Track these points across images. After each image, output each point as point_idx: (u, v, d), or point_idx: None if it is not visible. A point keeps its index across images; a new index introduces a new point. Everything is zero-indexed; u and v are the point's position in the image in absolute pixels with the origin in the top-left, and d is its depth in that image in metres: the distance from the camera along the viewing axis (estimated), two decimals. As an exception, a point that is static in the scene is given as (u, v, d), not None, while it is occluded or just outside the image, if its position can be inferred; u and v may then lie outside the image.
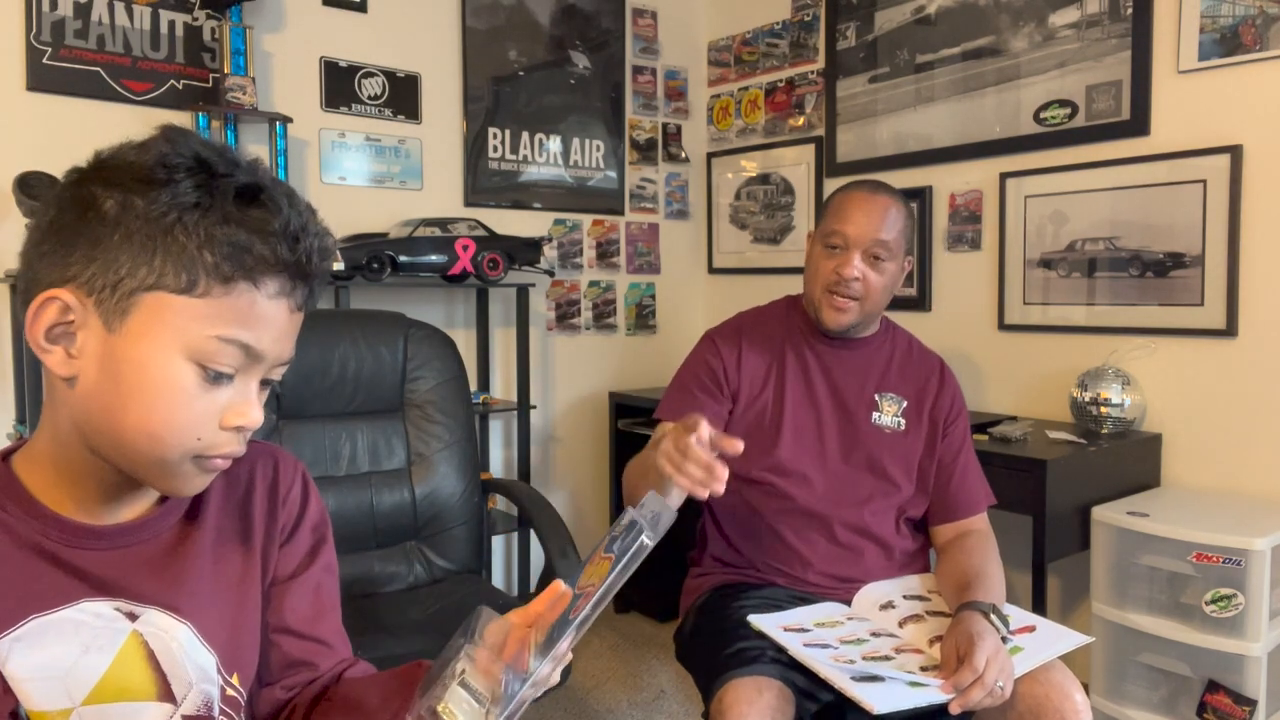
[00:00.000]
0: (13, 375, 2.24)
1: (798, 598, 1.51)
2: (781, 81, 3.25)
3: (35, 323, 0.64)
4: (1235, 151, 2.13)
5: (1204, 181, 2.18)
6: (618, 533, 0.72)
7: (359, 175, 2.75)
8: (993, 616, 1.31)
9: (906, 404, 1.61)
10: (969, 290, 2.70)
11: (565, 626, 0.67)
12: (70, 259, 0.64)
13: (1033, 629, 1.39)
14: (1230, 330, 2.16)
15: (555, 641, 0.67)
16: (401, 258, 2.49)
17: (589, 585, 0.69)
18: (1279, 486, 2.11)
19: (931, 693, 1.20)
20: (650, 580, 1.50)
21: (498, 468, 3.05)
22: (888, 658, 1.31)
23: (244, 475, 0.81)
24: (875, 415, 1.59)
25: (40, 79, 2.25)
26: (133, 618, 0.71)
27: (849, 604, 1.51)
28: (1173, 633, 1.90)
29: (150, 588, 0.72)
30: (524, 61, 3.06)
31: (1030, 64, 2.52)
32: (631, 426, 3.07)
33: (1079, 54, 2.42)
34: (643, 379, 3.40)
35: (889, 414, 1.60)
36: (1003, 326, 2.61)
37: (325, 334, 1.88)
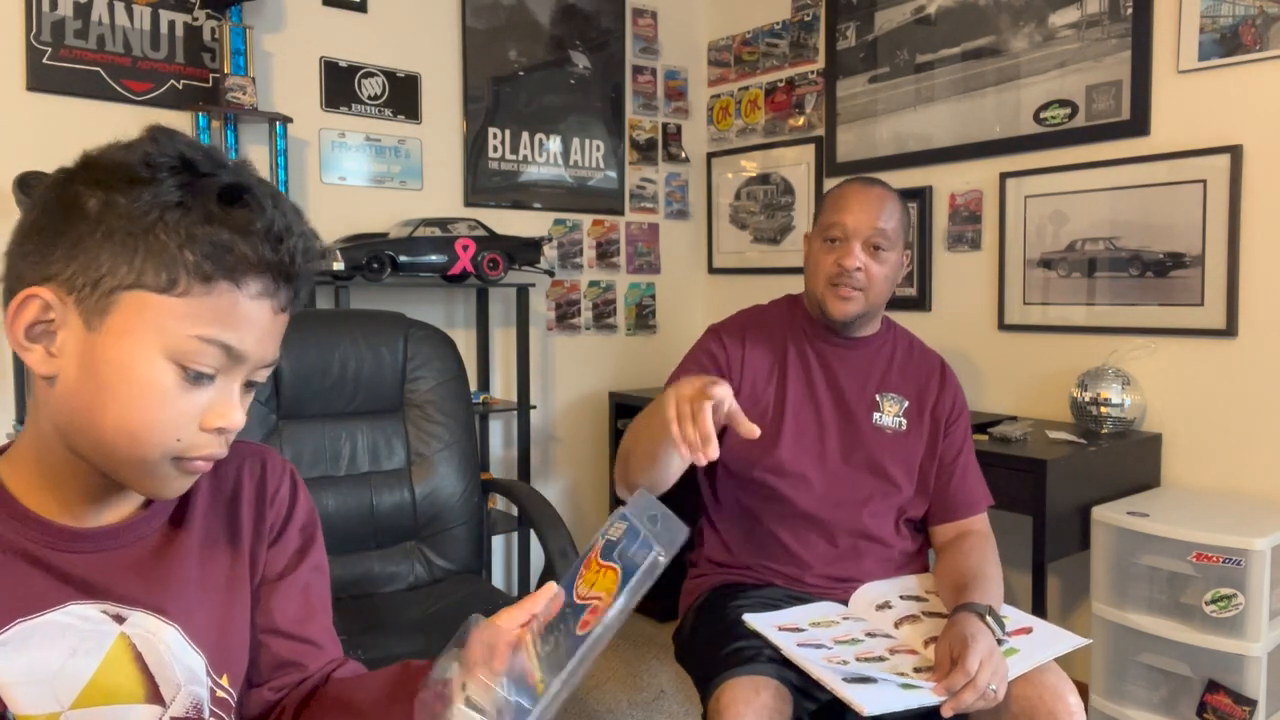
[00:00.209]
0: (13, 376, 2.24)
1: (795, 598, 1.51)
2: (781, 81, 3.25)
3: (15, 321, 0.64)
4: (1235, 151, 2.13)
5: (1204, 181, 2.18)
6: (614, 537, 0.69)
7: (359, 175, 2.75)
8: (988, 618, 1.30)
9: (908, 404, 1.60)
10: (969, 290, 2.70)
11: (574, 642, 0.64)
12: (51, 257, 0.63)
13: (1029, 630, 1.39)
14: (1230, 330, 2.16)
15: (564, 658, 0.64)
16: (401, 258, 2.49)
17: (594, 598, 0.66)
18: (1279, 486, 2.11)
19: (924, 695, 1.20)
20: (650, 580, 1.50)
21: (498, 468, 3.05)
22: (881, 658, 1.31)
23: (231, 476, 0.81)
24: (876, 415, 1.59)
25: (40, 79, 2.26)
26: (120, 620, 0.70)
27: (846, 604, 1.51)
28: (1173, 633, 1.90)
29: (137, 590, 0.71)
30: (524, 61, 3.06)
31: (1030, 64, 2.52)
32: (631, 426, 3.07)
33: (1079, 54, 2.42)
34: (643, 379, 3.40)
35: (890, 414, 1.59)
36: (1003, 326, 2.61)
37: (325, 334, 1.88)
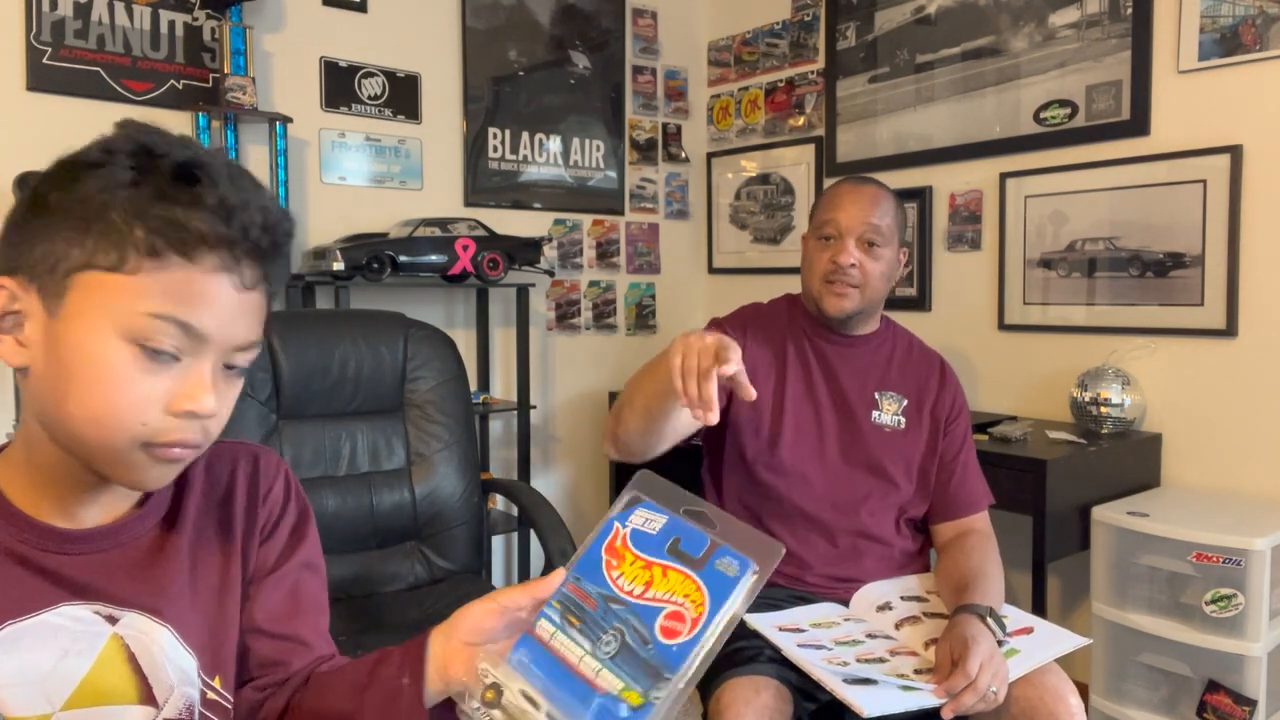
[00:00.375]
0: (13, 376, 2.24)
1: (797, 598, 1.51)
2: (781, 81, 3.25)
3: None
4: (1235, 151, 2.13)
5: (1204, 181, 2.18)
6: (645, 526, 0.64)
7: (359, 175, 2.75)
8: (989, 620, 1.30)
9: (906, 403, 1.60)
10: (969, 290, 2.70)
11: (666, 653, 0.58)
12: (19, 249, 0.64)
13: (1030, 631, 1.39)
14: (1230, 330, 2.16)
15: (655, 667, 0.58)
16: (401, 258, 2.49)
17: (670, 601, 0.60)
18: (1279, 486, 2.11)
19: (924, 696, 1.20)
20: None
21: (498, 468, 3.05)
22: (882, 660, 1.31)
23: (225, 476, 0.80)
24: (875, 414, 1.59)
25: (40, 79, 2.25)
26: (113, 621, 0.70)
27: (848, 604, 1.51)
28: (1173, 633, 1.90)
29: (129, 591, 0.71)
30: (524, 61, 3.06)
31: (1030, 64, 2.52)
32: (631, 426, 3.07)
33: (1079, 54, 2.42)
34: (643, 379, 3.39)
35: (889, 412, 1.59)
36: (1003, 326, 2.61)
37: (325, 334, 1.88)
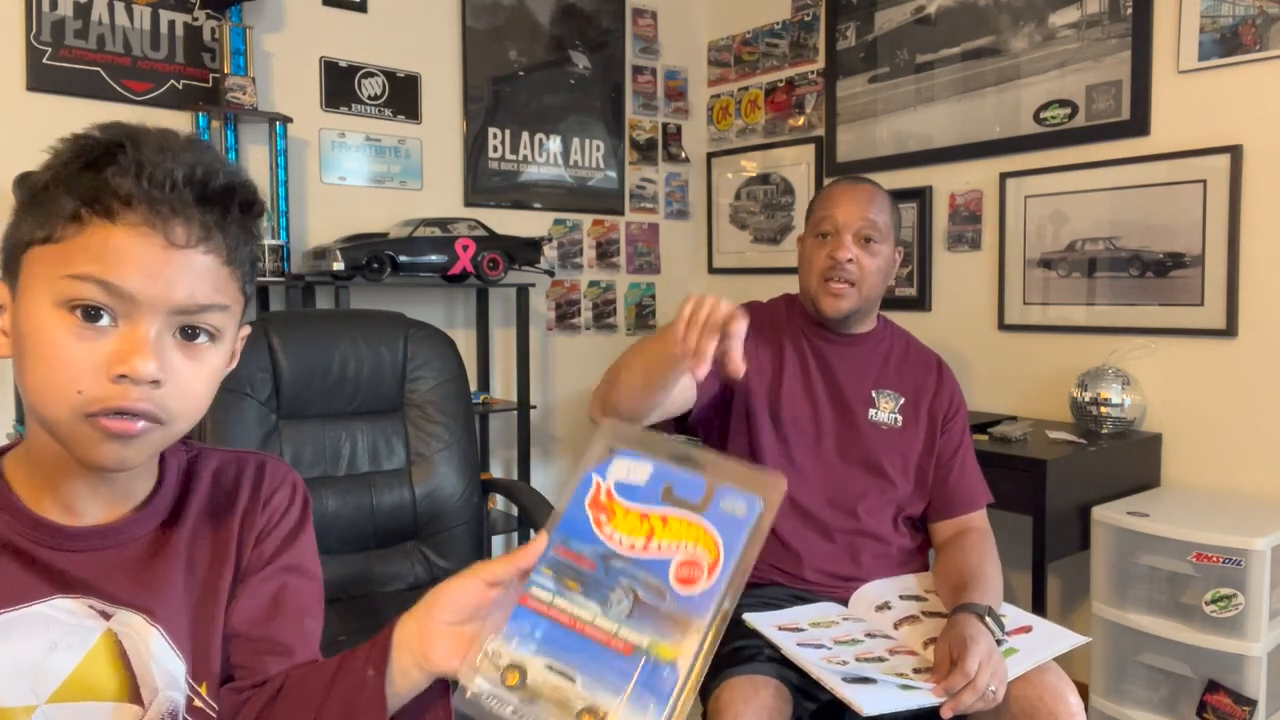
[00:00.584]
0: (13, 376, 2.24)
1: (796, 596, 1.51)
2: (781, 81, 3.25)
3: None
4: (1235, 151, 2.13)
5: (1204, 181, 2.18)
6: (629, 477, 0.62)
7: (359, 175, 2.75)
8: (988, 619, 1.30)
9: (903, 401, 1.61)
10: (969, 290, 2.70)
11: (684, 602, 0.56)
12: (3, 250, 0.67)
13: (1029, 629, 1.39)
14: (1230, 330, 2.16)
15: (678, 617, 0.56)
16: (401, 258, 2.49)
17: (677, 547, 0.57)
18: (1279, 486, 2.11)
19: (923, 695, 1.20)
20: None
21: (498, 468, 3.05)
22: (881, 659, 1.31)
23: (230, 482, 0.79)
24: (872, 412, 1.59)
25: (40, 79, 2.26)
26: (107, 616, 0.70)
27: (846, 603, 1.51)
28: (1173, 633, 1.89)
29: (124, 590, 0.71)
30: (524, 61, 3.06)
31: (1030, 64, 2.52)
32: (631, 426, 3.07)
33: (1079, 54, 2.42)
34: (643, 379, 3.40)
35: (885, 410, 1.60)
36: (1003, 326, 2.61)
37: (325, 334, 1.88)
